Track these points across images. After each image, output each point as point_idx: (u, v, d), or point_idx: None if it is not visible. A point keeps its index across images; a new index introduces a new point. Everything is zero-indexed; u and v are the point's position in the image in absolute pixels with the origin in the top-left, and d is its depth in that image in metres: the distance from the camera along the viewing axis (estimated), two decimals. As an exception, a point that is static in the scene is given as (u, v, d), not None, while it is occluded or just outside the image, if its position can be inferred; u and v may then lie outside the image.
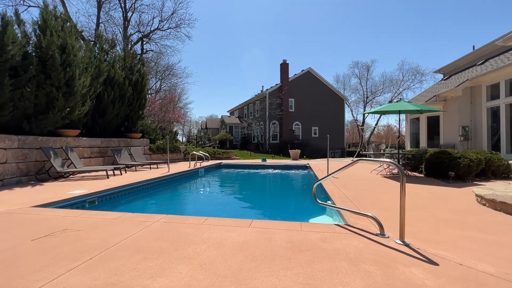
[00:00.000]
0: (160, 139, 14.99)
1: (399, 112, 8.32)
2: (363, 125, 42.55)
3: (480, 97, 10.60)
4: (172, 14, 24.11)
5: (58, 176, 7.26)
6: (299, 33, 67.43)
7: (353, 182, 6.58)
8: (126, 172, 8.54)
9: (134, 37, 24.38)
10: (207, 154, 12.49)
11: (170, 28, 24.61)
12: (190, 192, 7.44)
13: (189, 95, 72.52)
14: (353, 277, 1.87)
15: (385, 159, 2.72)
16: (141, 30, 24.38)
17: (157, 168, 10.21)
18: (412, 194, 4.87)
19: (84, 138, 8.75)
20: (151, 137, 13.46)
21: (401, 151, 10.13)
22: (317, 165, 11.48)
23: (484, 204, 4.06)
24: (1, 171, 6.14)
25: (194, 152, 11.96)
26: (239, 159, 16.77)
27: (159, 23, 24.35)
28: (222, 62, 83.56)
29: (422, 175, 7.64)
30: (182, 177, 8.84)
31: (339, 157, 29.56)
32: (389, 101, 36.77)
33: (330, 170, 8.40)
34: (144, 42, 24.91)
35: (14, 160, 6.45)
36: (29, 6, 18.46)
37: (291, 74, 30.67)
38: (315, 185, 3.57)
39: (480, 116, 10.58)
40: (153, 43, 25.24)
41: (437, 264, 2.07)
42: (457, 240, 2.64)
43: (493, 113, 10.25)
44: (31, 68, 6.93)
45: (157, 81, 29.80)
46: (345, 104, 34.97)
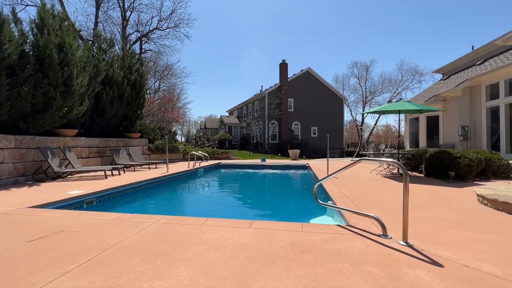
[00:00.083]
0: (159, 139, 14.92)
1: (399, 112, 8.31)
2: (362, 125, 42.60)
3: (480, 97, 10.60)
4: (171, 13, 24.06)
5: (56, 176, 7.19)
6: (299, 33, 67.53)
7: (353, 182, 6.54)
8: (124, 172, 8.48)
9: (133, 37, 24.32)
10: (206, 154, 12.44)
11: (169, 27, 24.55)
12: (189, 192, 7.39)
13: (188, 95, 72.60)
14: (357, 279, 1.83)
15: (388, 159, 2.68)
16: (140, 30, 24.29)
17: (156, 168, 10.15)
18: (413, 194, 4.83)
19: (82, 138, 8.68)
20: (150, 137, 13.39)
21: (400, 151, 10.11)
22: (317, 165, 11.45)
23: (486, 204, 4.03)
24: (-2, 171, 6.08)
25: (193, 152, 11.91)
26: (238, 159, 16.72)
27: (158, 23, 24.29)
28: (222, 62, 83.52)
29: (422, 175, 7.62)
30: (181, 177, 8.78)
31: (338, 157, 29.55)
32: (388, 101, 36.82)
33: (330, 170, 8.36)
34: (143, 42, 24.83)
35: (11, 160, 6.38)
36: (27, 5, 18.36)
37: (290, 74, 30.66)
38: (316, 185, 3.53)
39: (480, 116, 10.58)
40: (152, 43, 25.19)
41: (442, 266, 2.03)
42: (460, 241, 2.61)
43: (492, 113, 10.25)
44: (28, 67, 6.85)
45: (156, 81, 29.73)
46: (344, 104, 34.99)
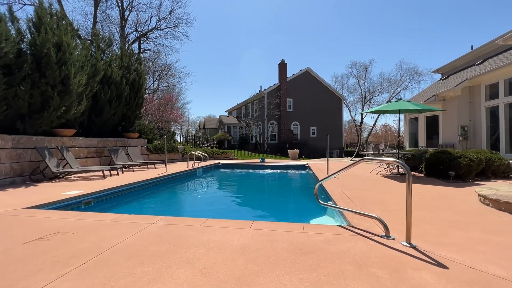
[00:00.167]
0: (157, 139, 14.83)
1: (399, 111, 8.27)
2: (361, 125, 42.63)
3: (479, 97, 10.59)
4: (170, 13, 23.96)
5: (53, 177, 7.12)
6: (298, 33, 67.47)
7: (353, 182, 6.51)
8: (123, 173, 8.41)
9: (132, 36, 24.20)
10: (206, 154, 12.38)
11: (168, 27, 24.46)
12: (189, 192, 7.33)
13: (187, 95, 72.02)
14: (361, 282, 1.78)
15: (391, 159, 2.64)
16: (139, 29, 24.18)
17: (155, 168, 10.08)
18: (414, 194, 4.78)
19: (80, 138, 8.60)
20: (149, 137, 13.31)
21: (400, 151, 10.08)
22: (316, 165, 11.41)
23: (487, 204, 4.00)
24: (-6, 171, 6.00)
25: (192, 152, 11.85)
26: (238, 159, 16.66)
27: (157, 22, 24.19)
28: (221, 62, 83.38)
29: (422, 175, 7.59)
30: (180, 177, 8.72)
31: (337, 157, 29.55)
32: (387, 101, 36.87)
33: (330, 170, 8.32)
34: (142, 41, 24.72)
35: (8, 160, 6.30)
36: (25, 4, 18.21)
37: (289, 74, 30.62)
38: (317, 186, 3.49)
39: (479, 115, 10.58)
40: (151, 42, 25.07)
41: (447, 268, 1.98)
42: (464, 242, 2.57)
43: (492, 113, 10.25)
44: (25, 66, 6.78)
45: (155, 81, 29.59)
46: (343, 104, 34.99)
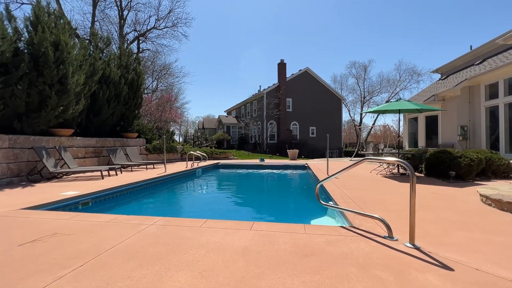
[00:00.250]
0: (156, 139, 14.77)
1: (399, 111, 8.25)
2: (360, 125, 42.66)
3: (479, 97, 10.59)
4: (169, 13, 23.90)
5: (51, 177, 7.05)
6: (297, 33, 67.38)
7: (353, 182, 6.47)
8: (121, 173, 8.35)
9: (130, 36, 24.11)
10: (205, 154, 12.32)
11: (167, 27, 24.39)
12: (188, 193, 7.27)
13: (186, 95, 72.15)
14: (365, 284, 1.74)
15: (394, 158, 2.60)
16: (137, 29, 24.10)
17: (154, 168, 10.02)
18: (416, 195, 4.75)
19: (78, 138, 8.53)
20: (148, 137, 13.24)
21: (400, 150, 10.06)
22: (316, 165, 11.38)
23: (489, 204, 3.97)
24: (-9, 171, 5.93)
25: (192, 152, 11.79)
26: (237, 159, 16.61)
27: (156, 22, 24.12)
28: (220, 62, 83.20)
29: (422, 175, 7.57)
30: (179, 178, 8.66)
31: (336, 157, 29.54)
32: (386, 101, 36.91)
33: (330, 170, 8.29)
34: (140, 41, 24.63)
35: (5, 160, 6.23)
36: (22, 3, 18.09)
37: (288, 74, 30.57)
38: (318, 186, 3.45)
39: (479, 115, 10.58)
40: (150, 42, 25.01)
41: (452, 270, 1.95)
42: (468, 243, 2.53)
43: (491, 113, 10.25)
44: (22, 65, 6.70)
45: (154, 81, 29.52)
46: (343, 104, 34.99)
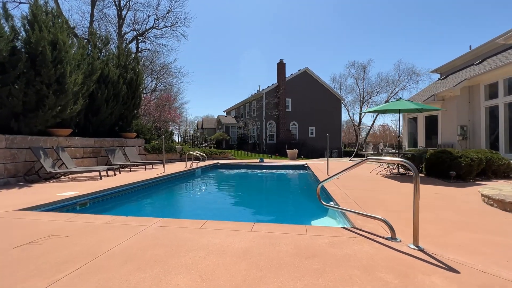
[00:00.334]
0: (155, 139, 14.70)
1: (399, 111, 8.23)
2: (359, 125, 42.69)
3: (479, 97, 10.58)
4: (168, 12, 23.86)
5: (49, 177, 6.97)
6: (297, 33, 67.51)
7: (353, 182, 6.43)
8: (120, 173, 8.28)
9: (129, 36, 24.03)
10: (204, 154, 12.26)
11: (166, 26, 24.34)
12: (187, 193, 7.22)
13: (185, 95, 71.99)
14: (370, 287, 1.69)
15: (397, 158, 2.56)
16: (136, 29, 24.03)
17: (153, 168, 9.95)
18: (416, 195, 4.73)
19: (76, 138, 8.45)
20: (146, 137, 13.17)
21: (400, 150, 10.04)
22: (316, 165, 11.34)
23: (492, 205, 3.93)
24: (-13, 172, 5.86)
25: (191, 152, 11.73)
26: (236, 159, 16.56)
27: (155, 22, 24.06)
28: (219, 62, 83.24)
29: (423, 175, 7.54)
30: (178, 178, 8.60)
31: (335, 157, 29.52)
32: (385, 101, 36.93)
33: (330, 170, 8.25)
34: (139, 41, 24.55)
35: (2, 160, 6.15)
36: (20, 2, 18.00)
37: (288, 74, 30.55)
38: (319, 186, 3.40)
39: (479, 115, 10.57)
40: (149, 42, 24.94)
41: (458, 272, 1.90)
42: (472, 244, 2.49)
43: (491, 113, 10.24)
44: (20, 65, 6.62)
45: (153, 81, 29.42)
46: (342, 104, 34.98)
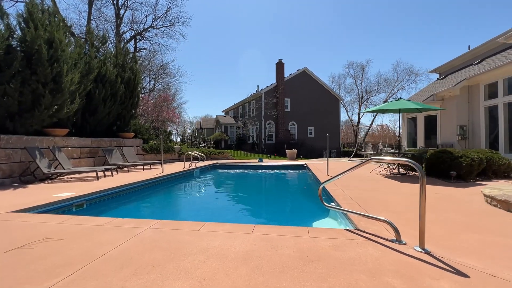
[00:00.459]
0: (153, 139, 14.59)
1: (399, 110, 8.18)
2: (358, 125, 42.72)
3: (478, 96, 10.55)
4: (166, 12, 23.71)
5: (45, 178, 6.86)
6: (297, 33, 67.44)
7: (354, 182, 6.37)
8: (117, 173, 8.17)
9: (127, 35, 23.87)
10: (203, 155, 12.17)
11: (164, 26, 24.18)
12: (186, 194, 7.12)
13: (184, 94, 71.49)
14: (377, 293, 1.62)
15: (402, 159, 2.50)
16: (134, 28, 23.87)
17: (151, 168, 9.85)
18: (416, 195, 4.65)
19: (73, 138, 8.34)
20: (145, 137, 13.06)
21: (399, 150, 10.00)
22: (315, 165, 11.28)
23: (495, 205, 3.88)
24: (-18, 172, 5.74)
25: (189, 152, 11.63)
26: (235, 159, 16.47)
27: (153, 21, 23.91)
28: (218, 62, 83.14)
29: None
30: (177, 178, 8.51)
31: (334, 157, 29.49)
32: (384, 101, 36.98)
33: (329, 170, 8.19)
34: (137, 40, 24.41)
35: (-4, 161, 6.04)
36: (17, 1, 17.82)
37: (287, 74, 30.48)
38: (321, 187, 3.33)
39: (478, 115, 10.54)
40: (147, 41, 24.78)
41: (467, 276, 1.84)
42: (479, 246, 2.43)
43: (491, 112, 10.22)
44: (15, 63, 6.51)
45: (151, 80, 29.26)
46: (340, 104, 34.98)
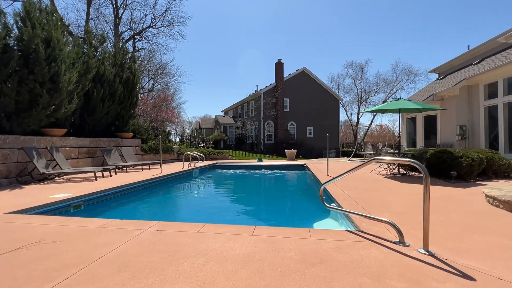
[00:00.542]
0: (152, 139, 14.51)
1: (399, 110, 8.16)
2: (357, 125, 42.75)
3: (478, 96, 10.54)
4: (165, 11, 23.62)
5: (42, 178, 6.79)
6: (297, 33, 67.36)
7: (354, 182, 6.33)
8: (116, 174, 8.10)
9: (126, 35, 23.79)
10: (202, 155, 12.10)
11: (163, 26, 24.09)
12: (185, 194, 7.07)
13: (183, 94, 71.57)
14: (382, 298, 1.58)
15: (406, 159, 2.46)
16: (133, 28, 23.78)
17: (150, 169, 9.78)
18: (417, 195, 4.64)
19: (71, 138, 8.26)
20: (143, 137, 12.99)
21: (399, 150, 9.97)
22: (315, 165, 11.24)
23: (497, 206, 3.85)
24: (-22, 173, 5.67)
25: (188, 153, 11.57)
26: (235, 159, 16.42)
27: (152, 21, 23.82)
28: (218, 62, 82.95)
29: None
30: (176, 178, 8.45)
31: (334, 157, 29.46)
32: (383, 101, 37.01)
33: (329, 170, 8.16)
34: (136, 40, 24.31)
35: (-7, 161, 5.97)
36: (15, 0, 17.68)
37: (286, 74, 30.45)
38: (322, 188, 3.28)
39: (478, 115, 10.53)
40: (146, 41, 24.68)
41: (473, 279, 1.80)
42: (483, 248, 2.39)
43: (490, 112, 10.21)
44: (12, 63, 6.44)
45: (150, 80, 29.18)
46: (340, 104, 34.97)
